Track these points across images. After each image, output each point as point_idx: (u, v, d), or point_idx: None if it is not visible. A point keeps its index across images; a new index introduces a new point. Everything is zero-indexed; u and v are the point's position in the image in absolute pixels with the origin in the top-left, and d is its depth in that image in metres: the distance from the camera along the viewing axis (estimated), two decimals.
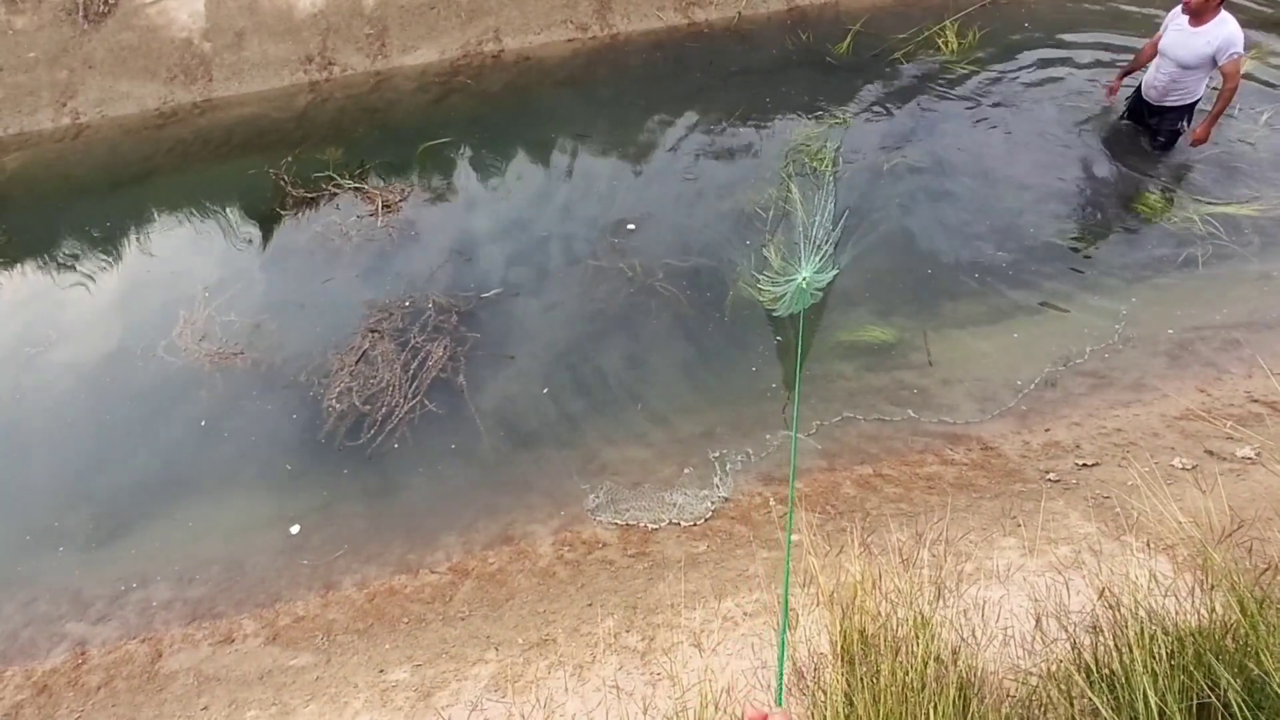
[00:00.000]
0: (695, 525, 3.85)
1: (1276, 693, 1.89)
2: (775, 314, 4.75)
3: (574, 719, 2.83)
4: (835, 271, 4.93)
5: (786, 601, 1.99)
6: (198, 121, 7.26)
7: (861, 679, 2.18)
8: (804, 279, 4.71)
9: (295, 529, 4.08)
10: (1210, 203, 5.12)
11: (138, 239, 6.14)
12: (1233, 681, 1.91)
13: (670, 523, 3.88)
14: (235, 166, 6.68)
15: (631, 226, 5.48)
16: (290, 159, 6.42)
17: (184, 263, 5.83)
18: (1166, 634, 2.12)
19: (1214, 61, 4.82)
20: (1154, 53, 5.24)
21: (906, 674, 2.13)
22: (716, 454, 4.16)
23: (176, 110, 7.37)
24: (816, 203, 5.34)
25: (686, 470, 4.12)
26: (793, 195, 5.45)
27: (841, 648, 2.36)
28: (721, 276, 5.06)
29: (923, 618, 2.29)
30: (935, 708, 2.04)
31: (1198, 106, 5.24)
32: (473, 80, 7.35)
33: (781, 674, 1.63)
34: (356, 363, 4.71)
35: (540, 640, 3.27)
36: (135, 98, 7.40)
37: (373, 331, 4.89)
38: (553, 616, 3.41)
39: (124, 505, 4.31)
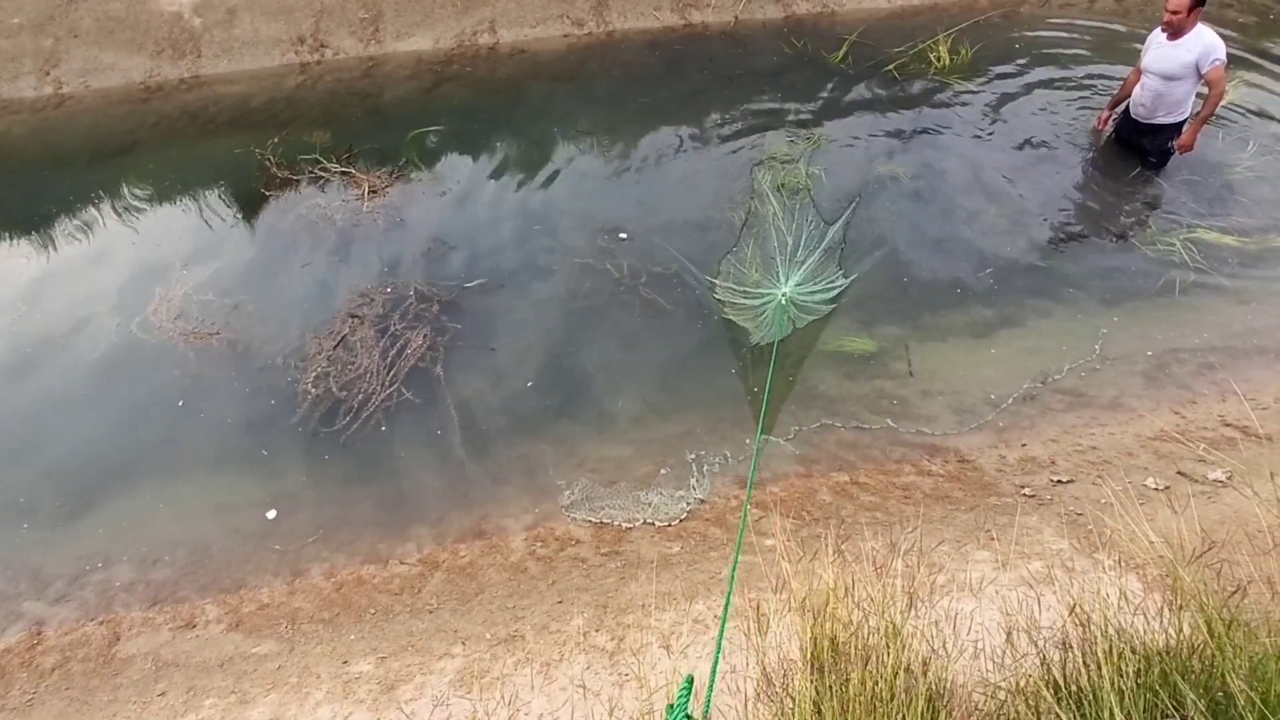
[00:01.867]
0: (670, 526, 3.83)
1: (1240, 715, 1.90)
2: (755, 339, 4.64)
3: (540, 718, 2.79)
4: (843, 283, 4.84)
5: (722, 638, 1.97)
6: (184, 97, 7.15)
7: (830, 687, 2.16)
8: (783, 294, 4.68)
9: (272, 514, 4.00)
10: (1192, 227, 5.18)
11: (116, 213, 6.02)
12: (1197, 702, 1.92)
13: (645, 522, 3.85)
14: (220, 145, 6.57)
15: (624, 235, 5.41)
16: (277, 140, 6.33)
17: (163, 239, 5.71)
18: (1134, 652, 2.13)
19: (1197, 71, 4.96)
20: (1139, 78, 5.33)
21: (876, 684, 2.12)
22: (694, 455, 4.13)
23: (163, 85, 7.25)
24: (797, 216, 5.31)
25: (663, 470, 4.09)
26: (772, 207, 5.42)
27: (812, 654, 2.34)
28: (707, 282, 5.04)
29: (894, 627, 2.28)
30: (903, 719, 2.03)
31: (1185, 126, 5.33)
32: (469, 68, 7.30)
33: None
34: (335, 347, 4.64)
35: (508, 636, 3.23)
36: (121, 70, 7.28)
37: (353, 317, 4.83)
38: (522, 613, 3.37)
39: (90, 483, 4.20)
